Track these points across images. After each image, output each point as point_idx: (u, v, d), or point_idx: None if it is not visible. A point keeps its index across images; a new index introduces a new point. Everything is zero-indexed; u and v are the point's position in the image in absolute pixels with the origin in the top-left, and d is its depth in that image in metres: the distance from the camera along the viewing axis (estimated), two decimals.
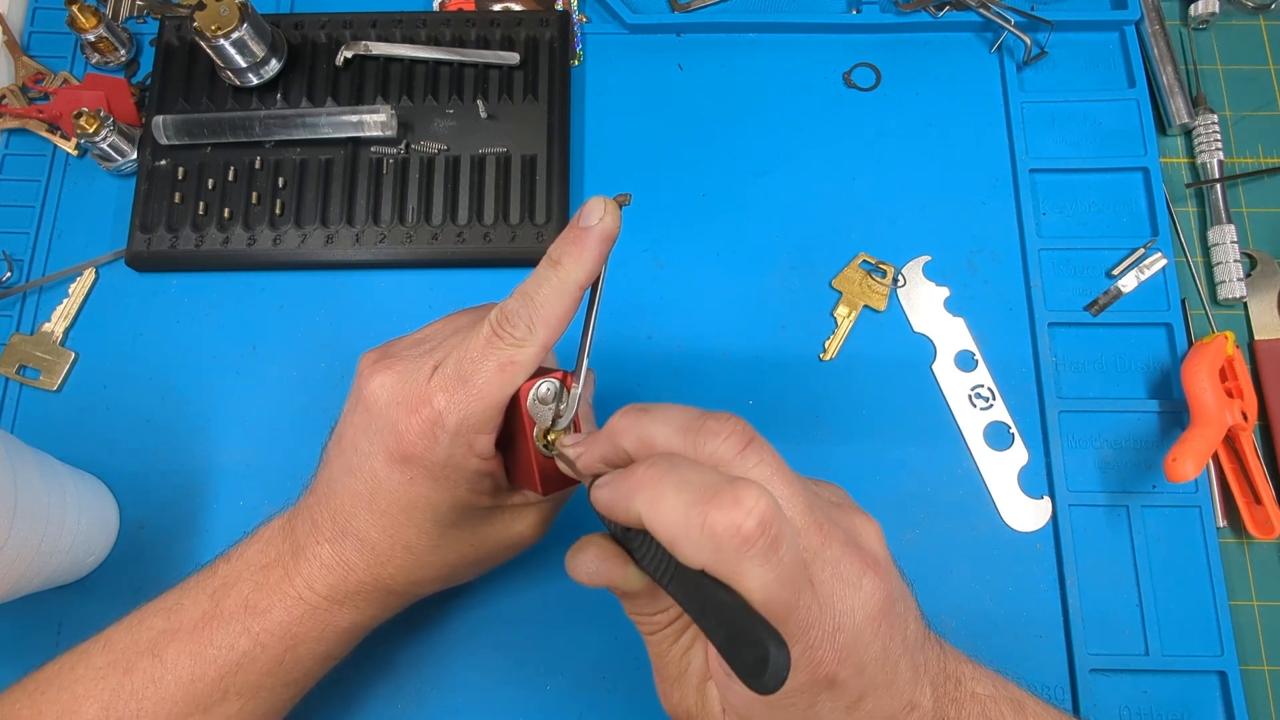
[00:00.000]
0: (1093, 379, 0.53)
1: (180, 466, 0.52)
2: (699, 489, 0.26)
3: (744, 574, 0.25)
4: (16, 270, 0.56)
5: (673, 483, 0.26)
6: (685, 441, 0.29)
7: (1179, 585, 0.49)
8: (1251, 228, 0.56)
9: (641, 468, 0.28)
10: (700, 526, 0.25)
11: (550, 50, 0.58)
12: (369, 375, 0.36)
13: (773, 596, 0.25)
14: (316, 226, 0.55)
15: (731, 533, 0.25)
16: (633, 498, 0.27)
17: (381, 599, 0.39)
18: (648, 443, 0.30)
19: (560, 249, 0.34)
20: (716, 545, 0.25)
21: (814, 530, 0.28)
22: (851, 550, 0.29)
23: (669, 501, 0.26)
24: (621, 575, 0.30)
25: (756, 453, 0.29)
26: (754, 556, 0.25)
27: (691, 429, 0.29)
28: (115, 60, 0.59)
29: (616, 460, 0.31)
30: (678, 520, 0.26)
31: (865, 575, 0.28)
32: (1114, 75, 0.59)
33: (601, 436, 0.32)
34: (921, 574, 0.49)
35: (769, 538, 0.25)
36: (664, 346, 0.54)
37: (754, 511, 0.25)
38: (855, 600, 0.28)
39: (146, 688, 0.37)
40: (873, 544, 0.31)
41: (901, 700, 0.30)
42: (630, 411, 0.31)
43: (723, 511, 0.25)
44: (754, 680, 0.23)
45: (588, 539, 0.31)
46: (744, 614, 0.25)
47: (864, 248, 0.56)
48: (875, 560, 0.29)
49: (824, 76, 0.60)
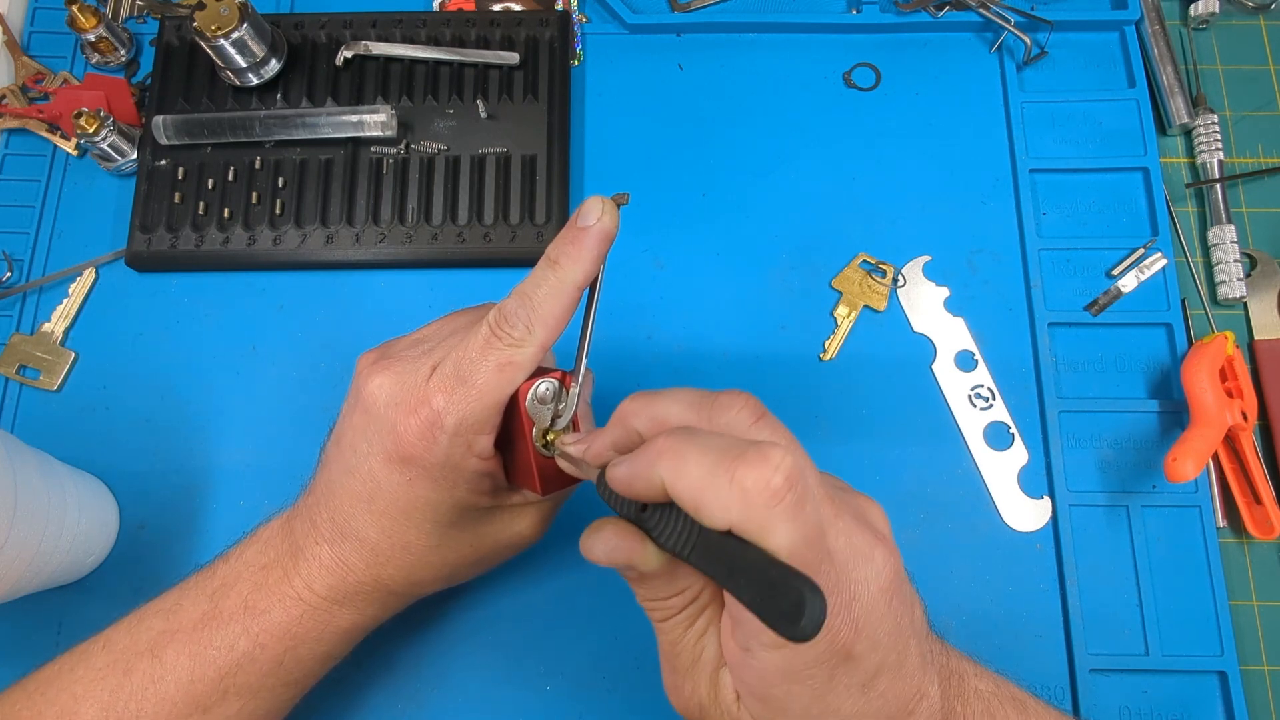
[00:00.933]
0: (1093, 379, 0.53)
1: (180, 466, 0.52)
2: (723, 450, 0.26)
3: (773, 529, 0.25)
4: (16, 270, 0.56)
5: (696, 446, 0.27)
6: (699, 417, 0.29)
7: (1179, 585, 0.49)
8: (1251, 228, 0.56)
9: (661, 438, 0.28)
10: (729, 483, 0.25)
11: (550, 50, 0.58)
12: (367, 376, 0.36)
13: (799, 554, 0.25)
14: (316, 226, 0.55)
15: (761, 487, 0.25)
16: (655, 464, 0.27)
17: (381, 599, 0.39)
18: (660, 421, 0.30)
19: (558, 249, 0.34)
20: (746, 501, 0.25)
21: (827, 503, 0.29)
22: (862, 525, 0.29)
23: (694, 463, 0.26)
24: (640, 552, 0.30)
25: (770, 425, 0.29)
26: (782, 512, 0.25)
27: (704, 405, 0.30)
28: (115, 60, 0.60)
29: (628, 444, 0.31)
30: (704, 481, 0.26)
31: (876, 548, 0.29)
32: (1114, 75, 0.59)
33: (612, 423, 0.32)
34: (921, 574, 0.49)
35: (796, 494, 0.25)
36: (664, 346, 0.54)
37: (781, 467, 0.25)
38: (869, 571, 0.28)
39: (146, 688, 0.37)
40: (879, 522, 0.31)
41: (912, 686, 0.30)
42: (639, 396, 0.31)
43: (750, 468, 0.25)
44: (792, 627, 0.23)
45: (603, 521, 0.31)
46: (775, 567, 0.24)
47: (864, 248, 0.55)
48: (884, 536, 0.30)
49: (824, 76, 0.59)
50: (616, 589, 0.48)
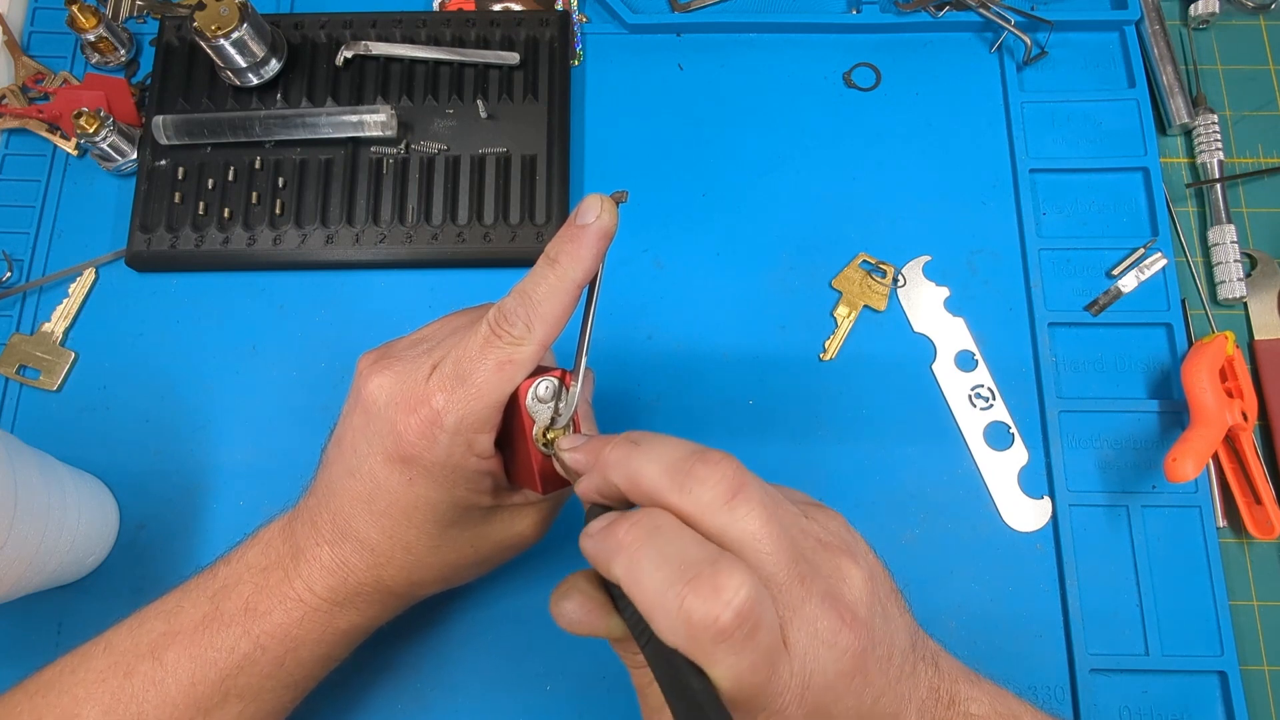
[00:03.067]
0: (1093, 379, 0.53)
1: (180, 466, 0.52)
2: (678, 566, 0.25)
3: (716, 663, 0.25)
4: (16, 270, 0.56)
5: (652, 555, 0.26)
6: (672, 484, 0.28)
7: (1179, 585, 0.49)
8: (1251, 228, 0.56)
9: (624, 528, 0.27)
10: (676, 611, 0.24)
11: (550, 50, 0.58)
12: (367, 376, 0.36)
13: (745, 683, 0.25)
14: (316, 226, 0.55)
15: (707, 624, 0.24)
16: (612, 561, 0.27)
17: (382, 600, 0.39)
18: (635, 482, 0.29)
19: (557, 247, 0.34)
20: (691, 634, 0.24)
21: (795, 584, 0.27)
22: (829, 605, 0.28)
23: (647, 574, 0.25)
24: (604, 626, 0.30)
25: (745, 502, 0.27)
26: (728, 648, 0.24)
27: (680, 471, 0.28)
28: (115, 60, 0.59)
29: (609, 493, 0.30)
30: (654, 597, 0.25)
31: (841, 632, 0.27)
32: (1114, 75, 0.59)
33: (595, 469, 0.31)
34: (921, 574, 0.50)
35: (746, 629, 0.24)
36: (664, 346, 0.54)
37: (732, 603, 0.24)
38: (829, 657, 0.27)
39: (147, 690, 0.37)
40: (854, 593, 0.29)
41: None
42: (622, 444, 0.30)
43: (700, 599, 0.24)
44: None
45: (572, 581, 0.30)
46: (710, 704, 0.24)
47: (864, 248, 0.55)
48: (854, 614, 0.28)
49: (824, 76, 0.59)
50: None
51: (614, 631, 0.30)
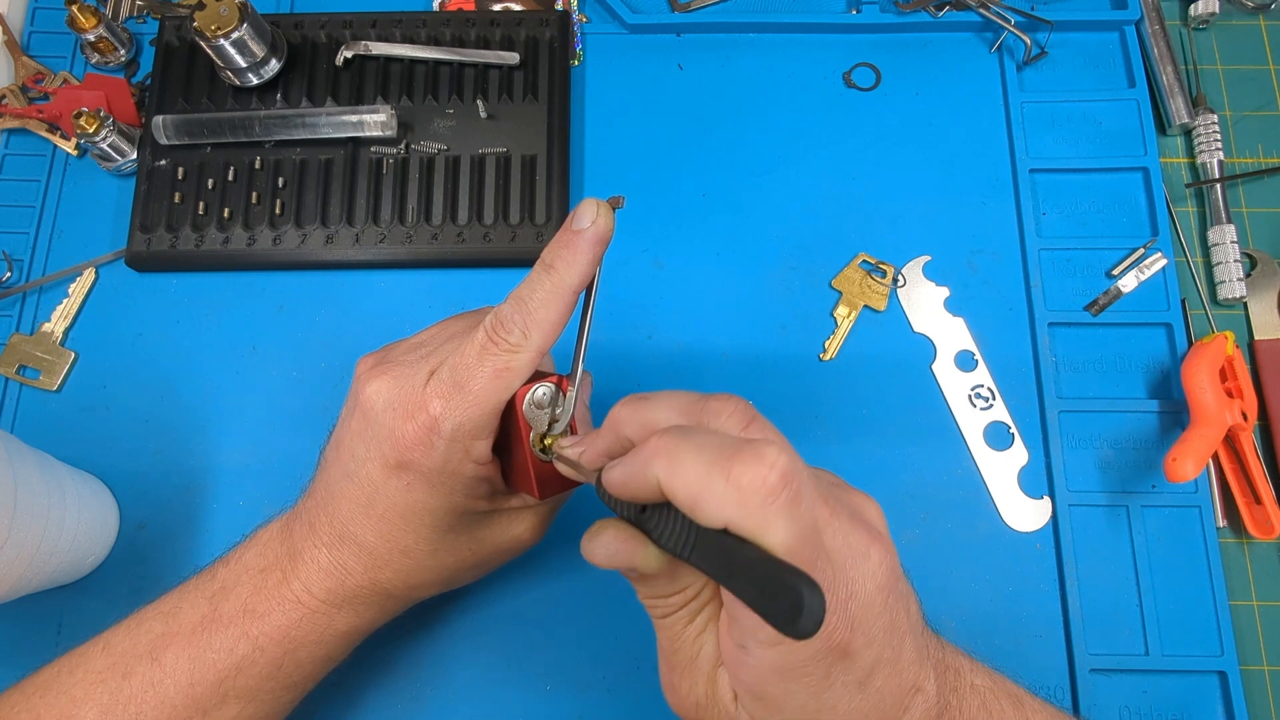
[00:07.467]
0: (1093, 379, 0.53)
1: (180, 466, 0.52)
2: (718, 448, 0.26)
3: (769, 526, 0.25)
4: (16, 270, 0.56)
5: (691, 445, 0.27)
6: (689, 422, 0.29)
7: (1179, 585, 0.49)
8: (1251, 228, 0.56)
9: (655, 438, 0.28)
10: (724, 481, 0.25)
11: (550, 50, 0.58)
12: (365, 380, 0.36)
13: (796, 550, 0.25)
14: (316, 226, 0.55)
15: (757, 484, 0.25)
16: (650, 465, 0.27)
17: (380, 603, 0.39)
18: (651, 427, 0.30)
19: (553, 253, 0.34)
20: (742, 499, 0.25)
21: (821, 503, 0.28)
22: (858, 523, 0.29)
23: (688, 462, 0.26)
24: (641, 555, 0.30)
25: (760, 429, 0.29)
26: (778, 509, 0.25)
27: (695, 410, 0.29)
28: (115, 60, 0.59)
29: (620, 452, 0.31)
30: (699, 480, 0.26)
31: (872, 546, 0.29)
32: (1114, 75, 0.59)
33: (604, 429, 0.32)
34: (921, 574, 0.49)
35: (791, 491, 0.25)
36: (664, 346, 0.54)
37: (776, 465, 0.25)
38: (865, 569, 0.28)
39: (145, 691, 0.37)
40: (875, 520, 0.31)
41: (907, 682, 0.30)
42: (630, 401, 0.31)
43: (746, 465, 0.25)
44: (791, 625, 0.23)
45: (603, 523, 0.31)
46: (773, 565, 0.24)
47: (864, 248, 0.55)
48: (879, 534, 0.30)
49: (824, 76, 0.59)
50: (615, 590, 0.48)
51: (649, 561, 0.30)
